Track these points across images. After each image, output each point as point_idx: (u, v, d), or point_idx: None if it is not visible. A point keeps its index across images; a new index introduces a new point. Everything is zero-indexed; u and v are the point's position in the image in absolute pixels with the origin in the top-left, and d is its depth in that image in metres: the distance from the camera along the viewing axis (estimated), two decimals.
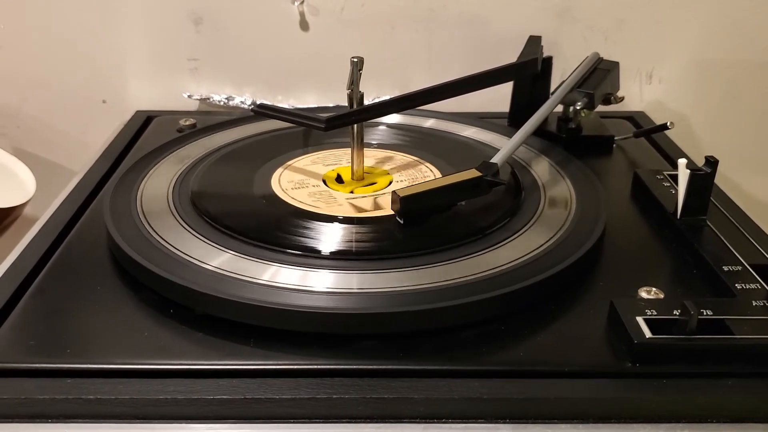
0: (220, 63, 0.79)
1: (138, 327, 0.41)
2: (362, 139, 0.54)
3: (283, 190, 0.53)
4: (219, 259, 0.44)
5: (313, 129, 0.52)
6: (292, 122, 0.53)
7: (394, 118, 0.67)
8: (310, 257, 0.45)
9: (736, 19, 0.76)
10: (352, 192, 0.53)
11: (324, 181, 0.55)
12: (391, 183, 0.55)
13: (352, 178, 0.55)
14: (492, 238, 0.47)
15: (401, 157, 0.60)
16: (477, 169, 0.49)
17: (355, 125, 0.53)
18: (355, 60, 0.51)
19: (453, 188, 0.48)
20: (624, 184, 0.59)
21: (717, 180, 0.51)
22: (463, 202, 0.50)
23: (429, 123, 0.68)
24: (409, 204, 0.47)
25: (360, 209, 0.50)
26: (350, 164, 0.55)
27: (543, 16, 0.77)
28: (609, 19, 0.77)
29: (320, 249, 0.45)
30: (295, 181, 0.54)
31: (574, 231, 0.48)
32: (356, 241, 0.46)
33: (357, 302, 0.40)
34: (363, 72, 0.52)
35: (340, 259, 0.45)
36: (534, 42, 0.66)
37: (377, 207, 0.51)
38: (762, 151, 0.83)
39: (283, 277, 0.42)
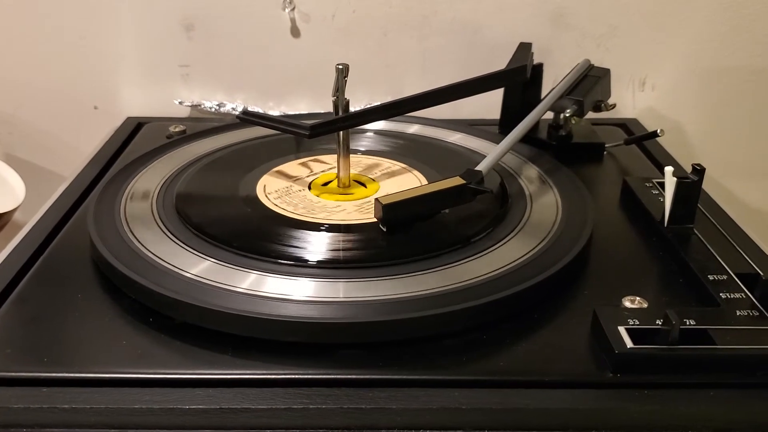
0: (212, 70, 0.79)
1: (117, 335, 0.40)
2: (348, 146, 0.54)
3: (266, 196, 0.53)
4: (200, 268, 0.44)
5: (298, 136, 0.51)
6: (277, 129, 0.53)
7: (383, 125, 0.67)
8: (290, 266, 0.44)
9: (730, 27, 0.76)
10: (337, 199, 0.53)
11: (309, 188, 0.54)
12: (378, 190, 0.55)
13: (338, 186, 0.55)
14: (476, 246, 0.46)
15: (389, 164, 0.59)
16: (461, 176, 0.49)
17: (341, 132, 0.53)
18: (340, 67, 0.51)
19: (436, 196, 0.48)
20: (613, 191, 0.59)
21: (709, 188, 0.51)
22: (446, 210, 0.49)
23: (418, 130, 0.68)
24: (392, 211, 0.46)
25: (343, 217, 0.50)
26: (336, 171, 0.55)
27: (536, 23, 0.76)
28: (602, 25, 0.76)
29: (300, 257, 0.45)
30: (280, 188, 0.54)
31: (560, 239, 0.47)
32: (338, 249, 0.46)
33: (337, 311, 0.40)
34: (355, 79, 0.52)
35: (320, 267, 0.44)
36: (524, 49, 0.66)
37: (361, 214, 0.50)
38: (755, 159, 0.82)
39: (261, 285, 0.42)
